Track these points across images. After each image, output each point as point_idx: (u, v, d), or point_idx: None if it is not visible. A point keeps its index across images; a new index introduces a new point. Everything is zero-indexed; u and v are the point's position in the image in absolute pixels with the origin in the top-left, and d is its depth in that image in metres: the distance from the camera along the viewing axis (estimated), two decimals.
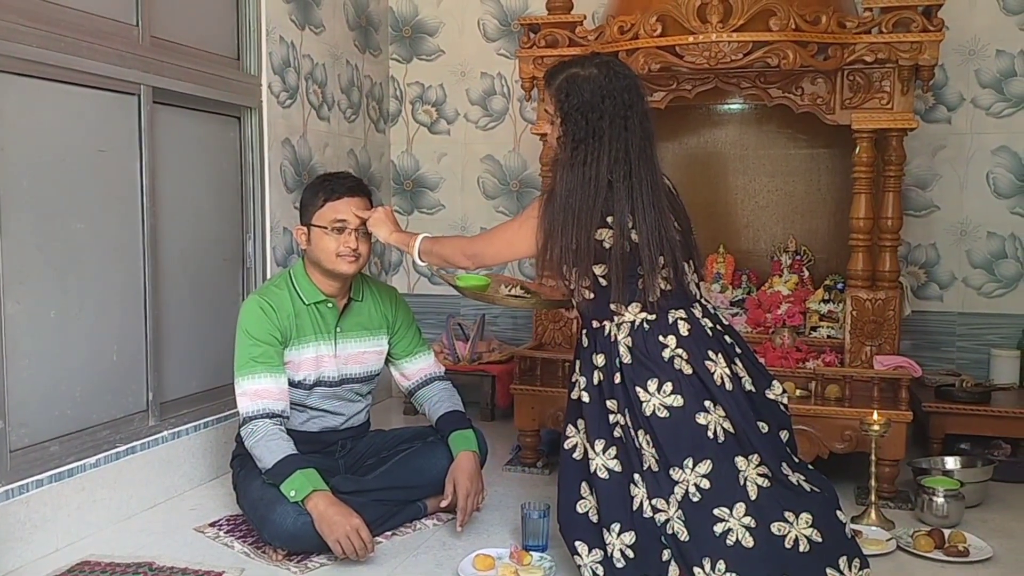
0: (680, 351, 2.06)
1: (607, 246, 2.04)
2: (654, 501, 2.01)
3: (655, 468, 2.03)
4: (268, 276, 3.19)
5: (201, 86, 2.89)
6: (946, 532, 2.42)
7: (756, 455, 2.01)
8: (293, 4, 3.38)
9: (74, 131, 2.45)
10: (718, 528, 1.96)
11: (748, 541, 1.94)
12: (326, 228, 2.48)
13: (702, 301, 2.18)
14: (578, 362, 2.21)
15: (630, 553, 2.02)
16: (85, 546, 2.39)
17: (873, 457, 2.60)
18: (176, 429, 2.81)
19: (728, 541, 1.94)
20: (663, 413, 2.02)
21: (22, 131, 2.28)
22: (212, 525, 2.56)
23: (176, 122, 2.84)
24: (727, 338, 2.14)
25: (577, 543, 2.11)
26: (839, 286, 3.21)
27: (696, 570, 1.94)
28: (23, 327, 2.29)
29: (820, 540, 1.94)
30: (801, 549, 1.93)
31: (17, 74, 2.25)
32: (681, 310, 2.11)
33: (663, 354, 2.06)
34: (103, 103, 2.55)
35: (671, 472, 2.01)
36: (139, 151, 2.67)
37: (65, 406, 2.43)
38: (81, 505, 2.44)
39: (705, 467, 2.00)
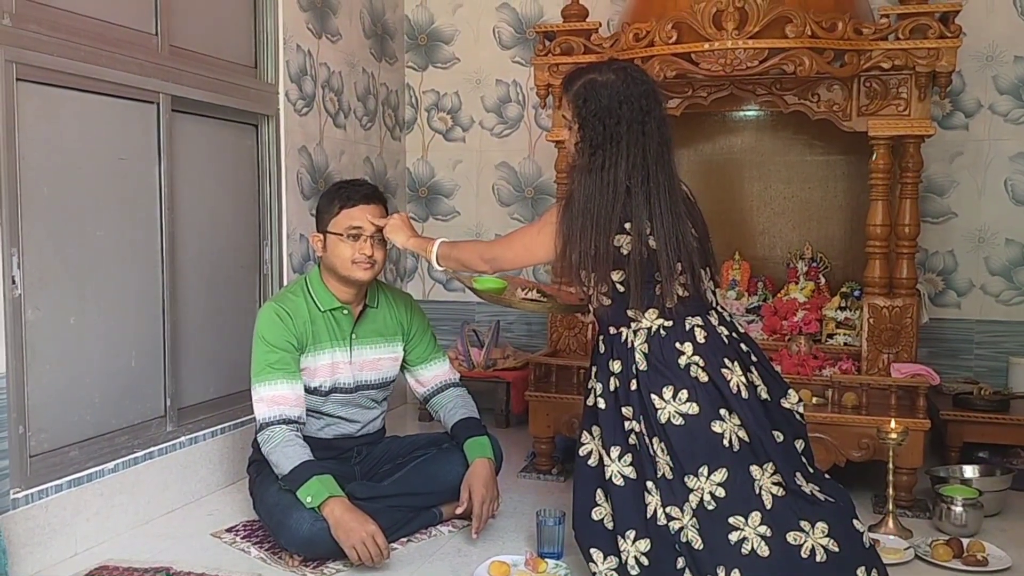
0: (696, 358, 2.05)
1: (625, 252, 2.04)
2: (668, 509, 2.01)
3: (669, 476, 2.02)
4: (285, 283, 3.21)
5: (219, 94, 2.92)
6: (964, 541, 2.41)
7: (771, 464, 2.00)
8: (310, 13, 3.40)
9: (93, 139, 2.47)
10: (733, 536, 1.95)
11: (764, 550, 1.93)
12: (342, 235, 2.49)
13: (718, 308, 2.17)
14: (594, 368, 2.21)
15: (645, 560, 2.01)
16: (103, 551, 2.40)
17: (891, 465, 2.58)
18: (193, 435, 2.83)
19: (743, 550, 1.93)
20: (678, 420, 2.02)
21: (42, 139, 2.30)
22: (229, 530, 2.58)
23: (194, 130, 2.86)
24: (743, 346, 2.13)
25: (592, 550, 2.11)
26: (856, 293, 3.19)
27: None
28: (43, 333, 2.31)
29: (837, 550, 1.93)
30: (817, 559, 1.92)
31: (37, 83, 2.28)
32: (698, 317, 2.10)
33: (679, 361, 2.06)
34: (122, 111, 2.57)
35: (686, 480, 2.00)
36: (158, 159, 2.69)
37: (84, 412, 2.45)
38: (99, 510, 2.45)
39: (720, 475, 1.99)
